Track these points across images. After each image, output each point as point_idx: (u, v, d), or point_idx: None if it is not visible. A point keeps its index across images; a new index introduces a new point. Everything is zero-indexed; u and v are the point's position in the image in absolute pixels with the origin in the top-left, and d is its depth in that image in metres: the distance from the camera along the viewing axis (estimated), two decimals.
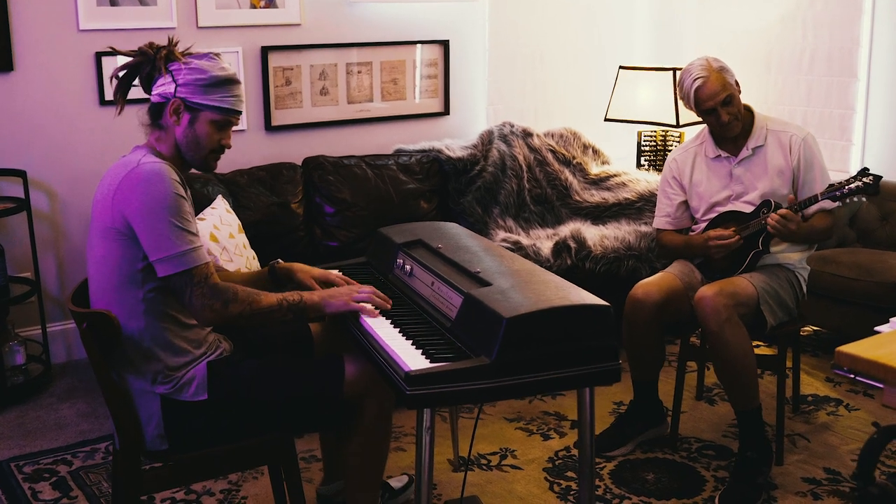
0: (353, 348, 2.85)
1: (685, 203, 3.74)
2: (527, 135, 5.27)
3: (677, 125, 5.32)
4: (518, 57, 5.66)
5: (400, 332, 2.48)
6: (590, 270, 4.44)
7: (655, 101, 5.40)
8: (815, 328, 4.87)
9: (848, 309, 4.40)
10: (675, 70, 5.32)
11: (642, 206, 4.94)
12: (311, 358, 2.88)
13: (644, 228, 4.69)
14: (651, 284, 3.54)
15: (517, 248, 4.42)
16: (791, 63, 5.35)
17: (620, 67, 5.59)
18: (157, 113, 2.59)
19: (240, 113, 2.62)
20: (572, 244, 4.48)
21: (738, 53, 5.42)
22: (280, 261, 2.95)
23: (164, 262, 2.41)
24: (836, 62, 5.15)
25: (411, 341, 2.40)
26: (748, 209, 3.54)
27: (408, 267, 2.86)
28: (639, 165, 5.66)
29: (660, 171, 5.56)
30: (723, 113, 3.47)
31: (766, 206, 3.47)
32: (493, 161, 5.02)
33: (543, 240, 4.69)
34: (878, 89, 5.04)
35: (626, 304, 3.55)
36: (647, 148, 5.68)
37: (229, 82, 2.58)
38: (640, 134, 5.67)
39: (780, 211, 3.34)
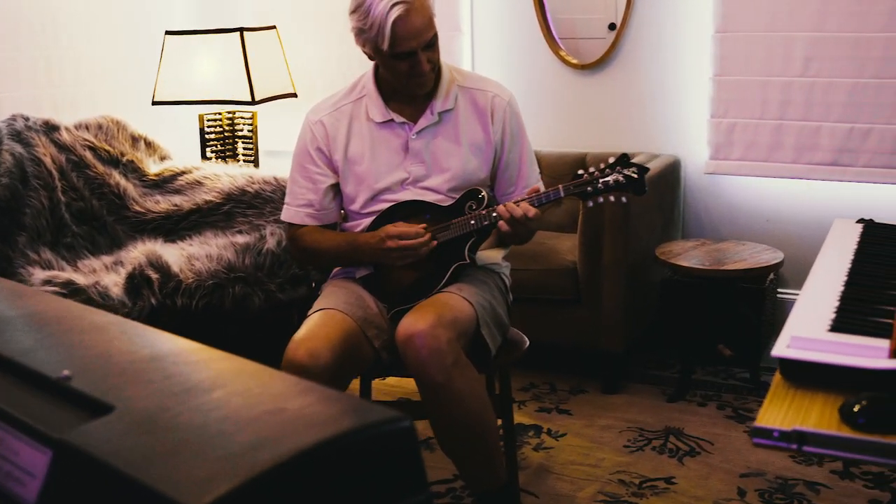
0: None
1: (336, 187, 2.55)
2: (51, 129, 3.76)
3: (252, 102, 4.12)
4: (21, 26, 4.07)
5: None
6: (184, 308, 3.10)
7: (220, 73, 4.17)
8: None
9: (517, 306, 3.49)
10: (241, 30, 4.12)
11: (231, 209, 3.68)
12: None
13: (242, 239, 3.43)
14: (315, 338, 2.25)
15: (72, 291, 2.94)
16: None
17: (167, 33, 4.25)
18: None
19: None
20: (152, 274, 3.10)
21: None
22: None
23: None
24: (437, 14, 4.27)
25: None
26: (436, 199, 2.45)
27: None
28: (204, 157, 4.37)
29: (236, 161, 4.35)
30: (424, 59, 2.36)
31: (472, 198, 2.40)
32: (8, 169, 3.47)
33: (104, 273, 3.25)
34: (484, 43, 4.28)
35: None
36: (212, 135, 4.41)
37: None
38: (201, 118, 4.39)
39: (522, 206, 2.30)
